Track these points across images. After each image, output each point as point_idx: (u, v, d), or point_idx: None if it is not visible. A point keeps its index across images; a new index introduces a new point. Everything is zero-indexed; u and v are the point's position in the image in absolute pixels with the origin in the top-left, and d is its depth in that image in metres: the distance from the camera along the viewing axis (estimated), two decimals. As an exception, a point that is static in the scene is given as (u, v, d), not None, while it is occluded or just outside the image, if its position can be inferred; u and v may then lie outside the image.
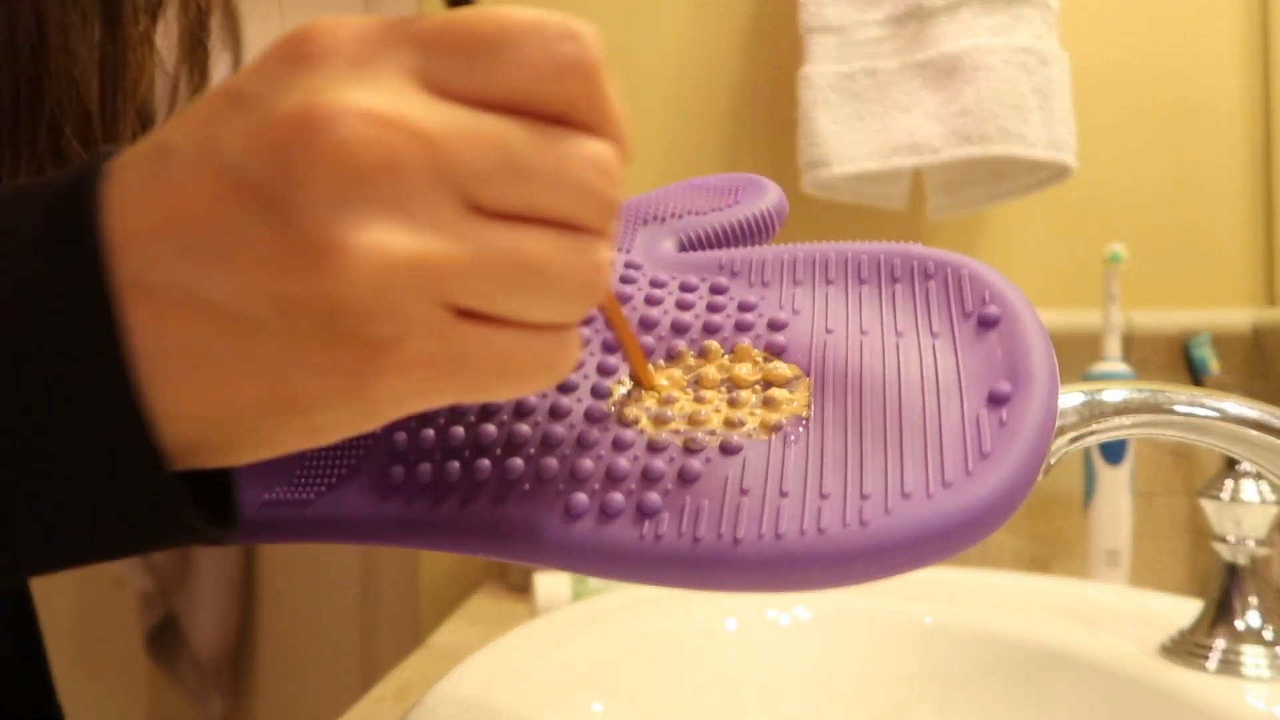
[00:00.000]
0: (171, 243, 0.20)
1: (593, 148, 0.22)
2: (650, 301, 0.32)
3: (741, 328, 0.30)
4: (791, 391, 0.27)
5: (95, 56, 0.36)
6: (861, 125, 0.83)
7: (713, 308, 0.31)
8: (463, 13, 0.21)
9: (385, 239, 0.20)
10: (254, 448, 0.22)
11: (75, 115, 0.35)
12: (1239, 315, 0.88)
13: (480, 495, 0.28)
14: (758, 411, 0.27)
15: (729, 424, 0.27)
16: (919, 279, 0.30)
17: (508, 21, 0.21)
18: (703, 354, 0.30)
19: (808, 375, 0.28)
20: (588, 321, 0.31)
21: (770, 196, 0.37)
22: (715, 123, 0.95)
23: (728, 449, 0.26)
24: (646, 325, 0.31)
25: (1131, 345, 0.88)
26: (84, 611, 1.59)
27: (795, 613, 0.54)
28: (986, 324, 0.27)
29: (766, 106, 0.95)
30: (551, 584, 0.74)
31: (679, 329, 0.30)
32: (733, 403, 0.28)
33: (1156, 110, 0.91)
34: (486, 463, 0.28)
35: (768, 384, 0.28)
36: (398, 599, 1.53)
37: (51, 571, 0.23)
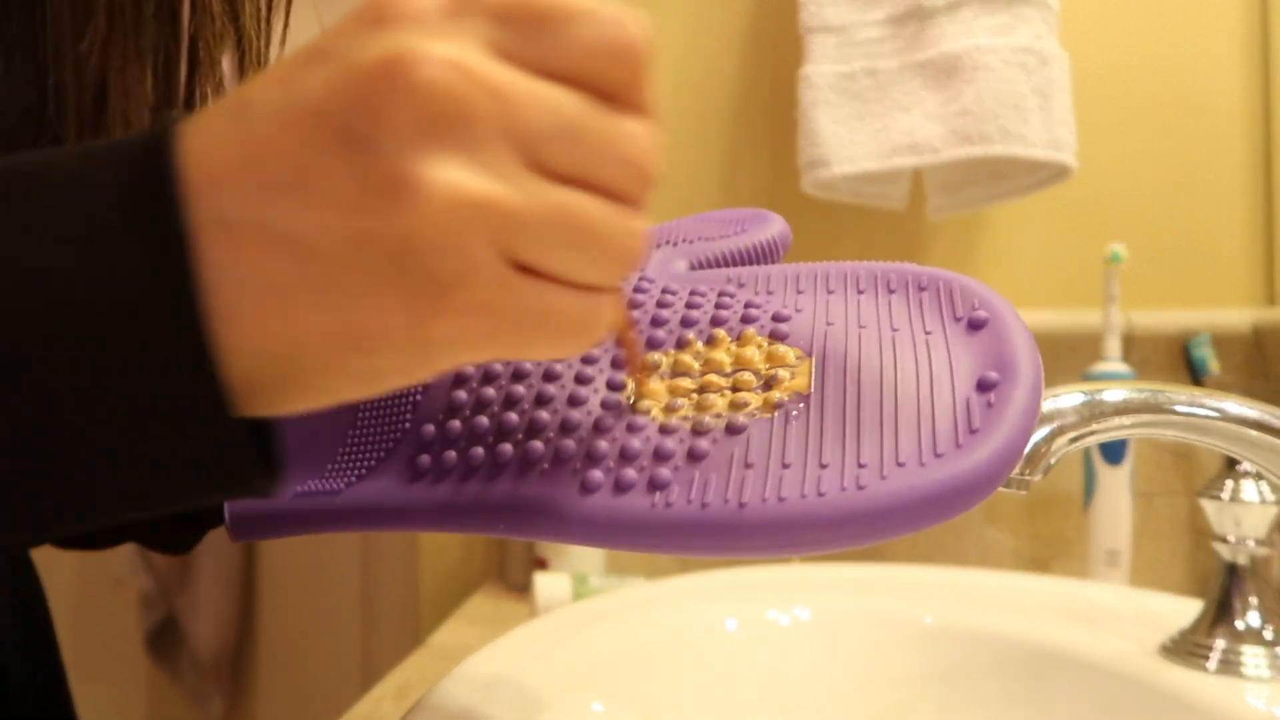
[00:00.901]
0: (251, 180, 0.21)
1: (637, 126, 0.24)
2: (662, 304, 0.34)
3: (747, 320, 0.32)
4: (793, 373, 0.29)
5: (150, 102, 0.38)
6: (861, 125, 0.83)
7: (720, 305, 0.33)
8: None
9: (458, 177, 0.21)
10: (311, 392, 0.23)
11: None
12: (1239, 315, 0.88)
13: (502, 476, 0.30)
14: (760, 391, 0.29)
15: (734, 406, 0.29)
16: (913, 290, 0.32)
17: (569, 3, 0.23)
18: (710, 341, 0.32)
19: (809, 356, 0.30)
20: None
21: (774, 226, 0.40)
22: (715, 123, 0.95)
23: (733, 429, 0.28)
24: (657, 322, 0.33)
25: (1131, 345, 0.88)
26: (84, 611, 1.59)
27: (795, 613, 0.54)
28: (975, 326, 0.30)
29: (766, 106, 0.95)
30: (551, 584, 0.74)
31: (688, 323, 0.32)
32: (737, 385, 0.30)
33: (1156, 110, 0.91)
34: (508, 447, 0.30)
35: (771, 367, 0.30)
36: (398, 599, 1.53)
37: (94, 520, 0.23)
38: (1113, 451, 0.79)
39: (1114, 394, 0.41)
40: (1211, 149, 0.91)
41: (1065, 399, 0.41)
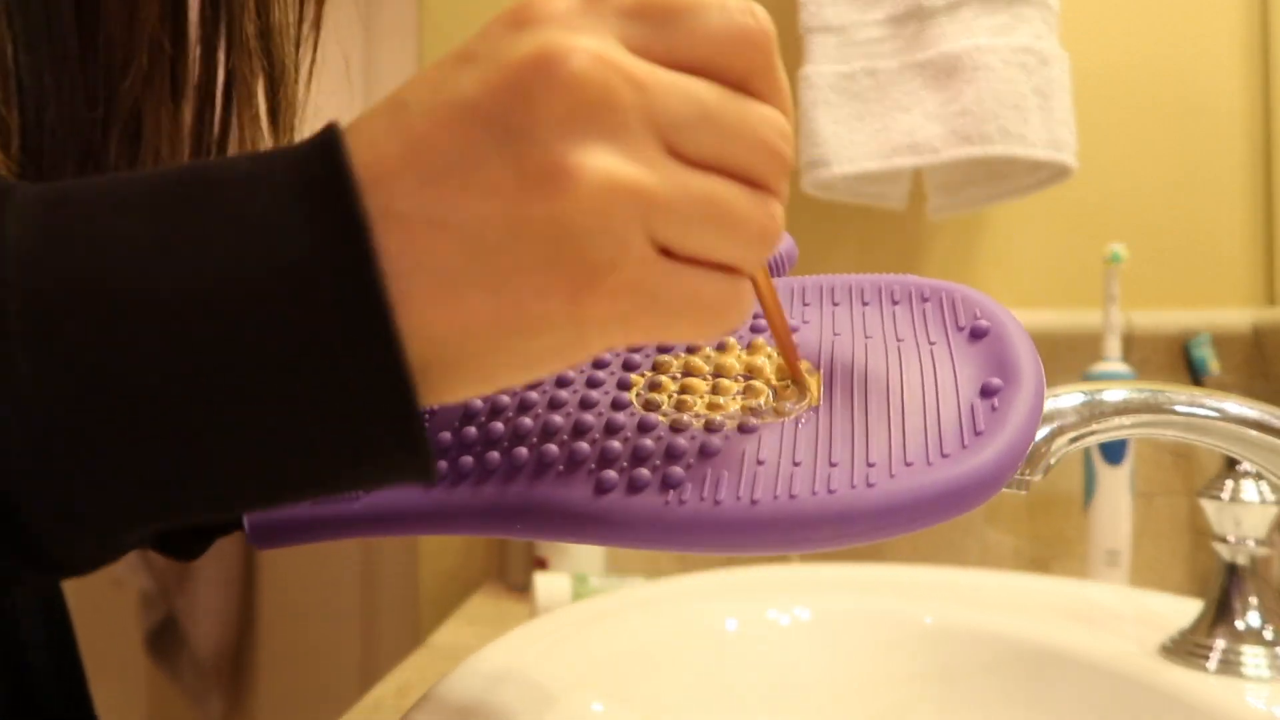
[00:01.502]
0: (415, 174, 0.22)
1: (771, 112, 0.25)
2: None
3: (756, 330, 0.33)
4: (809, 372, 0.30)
5: (186, 137, 0.40)
6: (861, 125, 0.83)
7: None
8: None
9: (609, 163, 0.22)
10: (475, 377, 0.24)
11: None
12: (1239, 315, 0.88)
13: (518, 478, 0.30)
14: (772, 400, 0.30)
15: (745, 409, 0.30)
16: (916, 301, 0.33)
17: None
18: (721, 347, 0.32)
19: (817, 369, 0.31)
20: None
21: (780, 243, 0.40)
22: (715, 123, 0.95)
23: (745, 429, 0.29)
24: None
25: (1131, 345, 0.88)
26: (84, 611, 1.59)
27: (795, 613, 0.54)
28: (978, 335, 0.31)
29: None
30: (551, 584, 0.74)
31: None
32: (749, 391, 0.30)
33: (1156, 110, 0.91)
34: (524, 450, 0.31)
35: (782, 379, 0.31)
36: (398, 599, 1.53)
37: (257, 504, 0.24)
38: (1113, 451, 0.79)
39: (1114, 394, 0.41)
40: (1211, 149, 0.91)
41: (1065, 399, 0.41)
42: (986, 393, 0.28)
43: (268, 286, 0.21)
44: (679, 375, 0.32)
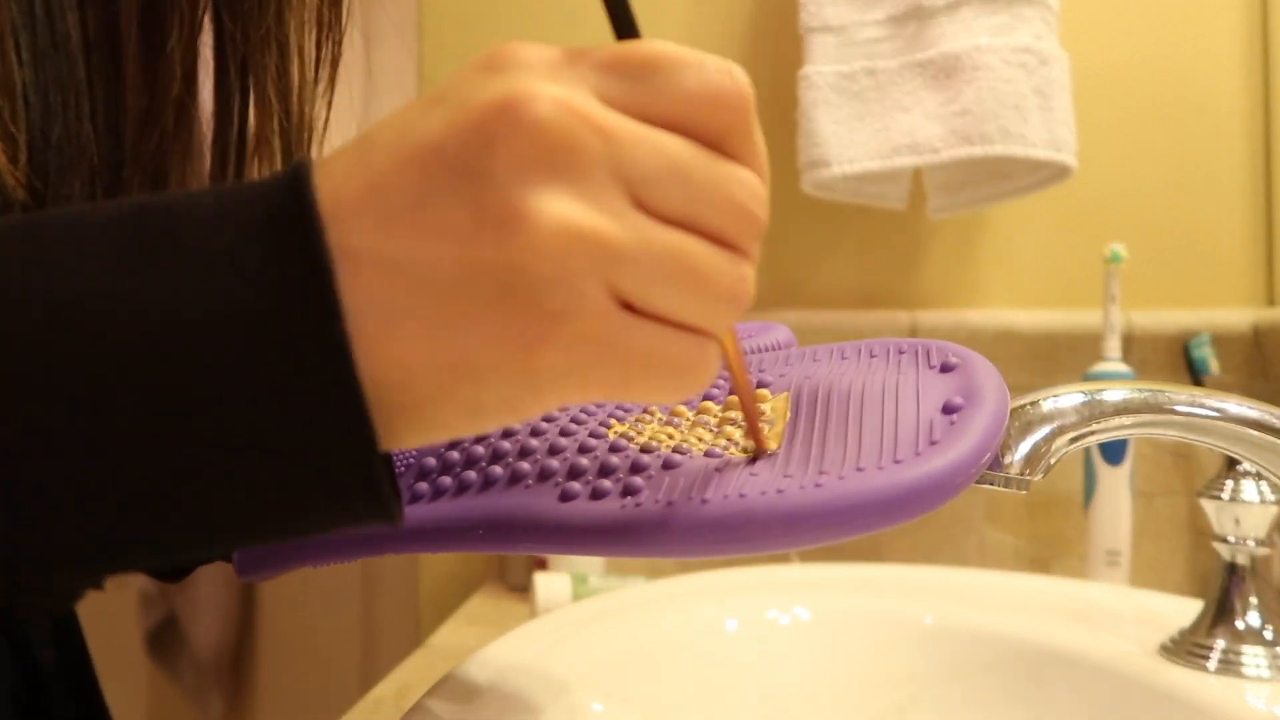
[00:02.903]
0: (373, 213, 0.22)
1: (745, 173, 0.24)
2: None
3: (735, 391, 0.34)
4: (771, 425, 0.31)
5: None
6: (861, 125, 0.83)
7: (714, 386, 0.35)
8: (633, 43, 0.24)
9: (567, 210, 0.22)
10: (422, 423, 0.23)
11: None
12: (1239, 315, 0.88)
13: (490, 492, 0.31)
14: (740, 440, 0.31)
15: (714, 445, 0.31)
16: (893, 353, 0.34)
17: (673, 52, 0.23)
18: (700, 411, 0.34)
19: (788, 409, 0.32)
20: None
21: (779, 334, 0.42)
22: (715, 123, 0.95)
23: (710, 455, 0.30)
24: None
25: (1131, 345, 0.88)
26: (84, 612, 1.59)
27: (795, 613, 0.54)
28: (947, 369, 0.31)
29: (766, 106, 0.95)
30: (551, 584, 0.74)
31: None
32: (717, 434, 0.32)
33: (1156, 110, 0.91)
34: (499, 469, 0.31)
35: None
36: (398, 599, 1.53)
37: (212, 550, 0.24)
38: (1113, 451, 0.79)
39: (1114, 394, 0.41)
40: (1211, 149, 0.91)
41: (1065, 399, 0.41)
42: (948, 410, 0.29)
43: (227, 329, 0.21)
44: (665, 420, 0.33)
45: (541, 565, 0.86)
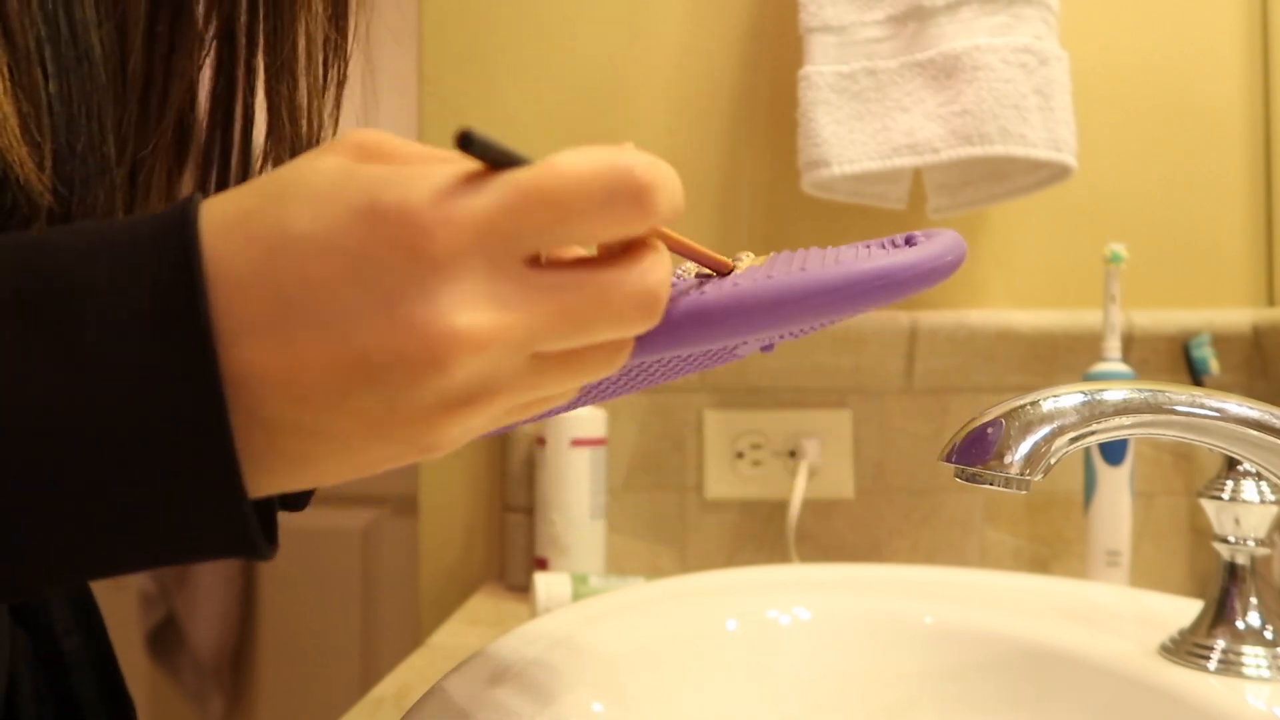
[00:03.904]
0: (289, 393, 0.23)
1: (643, 281, 0.25)
2: None
3: None
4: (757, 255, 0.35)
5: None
6: (861, 125, 0.83)
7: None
8: (524, 182, 0.23)
9: (478, 426, 0.25)
10: (310, 484, 0.26)
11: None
12: (1239, 315, 0.88)
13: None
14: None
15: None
16: (862, 245, 0.37)
17: (568, 186, 0.24)
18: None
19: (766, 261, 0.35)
20: None
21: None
22: (715, 123, 0.95)
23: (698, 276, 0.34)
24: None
25: (1131, 345, 0.88)
26: (84, 611, 1.58)
27: (795, 612, 0.54)
28: (911, 242, 0.34)
29: (766, 106, 0.95)
30: (551, 584, 0.74)
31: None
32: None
33: (1156, 110, 0.91)
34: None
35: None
36: (398, 599, 1.53)
37: (89, 578, 0.25)
38: (1113, 451, 0.79)
39: (1114, 394, 0.41)
40: (1211, 149, 0.91)
41: (1065, 399, 0.41)
42: (910, 241, 0.33)
43: (114, 440, 0.22)
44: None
45: (542, 565, 0.86)
